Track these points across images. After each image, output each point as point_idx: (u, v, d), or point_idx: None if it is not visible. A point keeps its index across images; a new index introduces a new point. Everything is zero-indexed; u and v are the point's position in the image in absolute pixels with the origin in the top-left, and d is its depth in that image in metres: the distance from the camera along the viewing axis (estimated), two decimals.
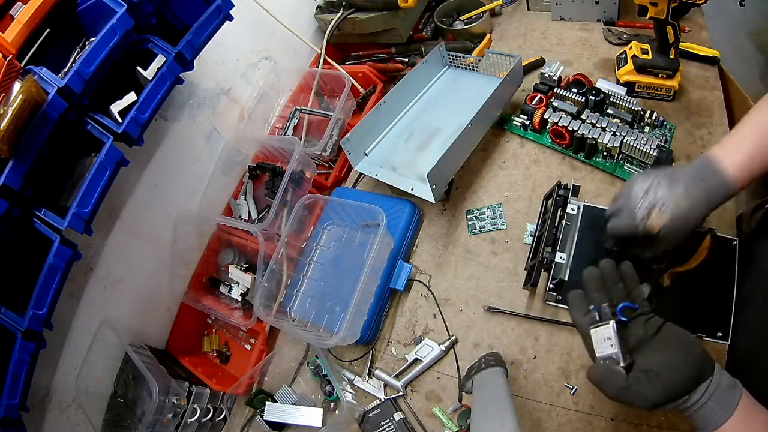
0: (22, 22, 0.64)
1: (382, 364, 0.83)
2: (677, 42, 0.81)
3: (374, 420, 0.76)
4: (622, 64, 0.91)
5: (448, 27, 1.15)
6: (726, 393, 0.45)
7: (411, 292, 0.86)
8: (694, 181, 0.56)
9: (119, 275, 0.87)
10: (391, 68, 1.16)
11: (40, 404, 0.76)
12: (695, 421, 0.46)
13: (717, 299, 0.67)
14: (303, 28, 1.17)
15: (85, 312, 0.81)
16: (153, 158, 0.90)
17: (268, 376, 0.91)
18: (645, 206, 0.57)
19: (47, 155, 0.64)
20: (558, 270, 0.74)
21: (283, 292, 0.89)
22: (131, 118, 0.70)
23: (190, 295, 0.98)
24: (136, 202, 0.88)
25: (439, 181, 0.80)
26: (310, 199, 0.90)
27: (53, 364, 0.78)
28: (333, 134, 1.01)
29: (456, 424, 0.73)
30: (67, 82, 0.63)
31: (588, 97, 0.86)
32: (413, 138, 0.97)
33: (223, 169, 1.05)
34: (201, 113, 0.98)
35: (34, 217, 0.67)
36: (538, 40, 1.08)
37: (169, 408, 0.79)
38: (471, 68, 1.05)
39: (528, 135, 0.93)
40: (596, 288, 0.53)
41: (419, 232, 0.92)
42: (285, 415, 0.82)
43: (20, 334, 0.63)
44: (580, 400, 0.68)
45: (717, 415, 0.44)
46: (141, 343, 0.90)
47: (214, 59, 0.99)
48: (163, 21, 0.78)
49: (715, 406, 0.45)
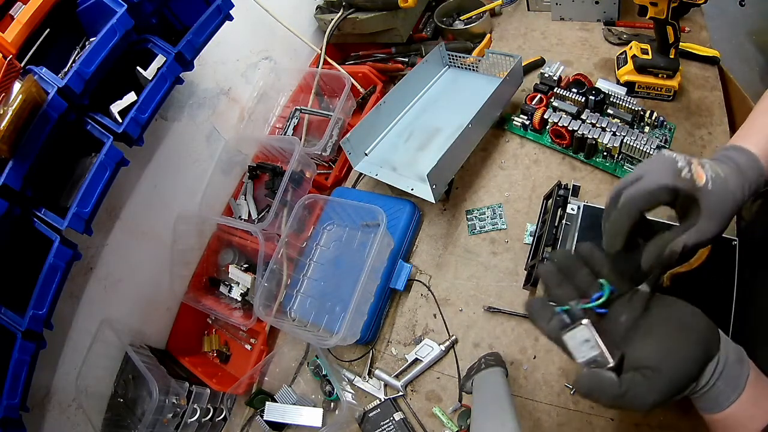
0: (22, 22, 0.64)
1: (382, 364, 0.83)
2: (677, 42, 0.81)
3: (374, 420, 0.76)
4: (622, 64, 0.91)
5: (448, 27, 1.15)
6: (734, 368, 0.39)
7: (411, 292, 0.86)
8: (722, 159, 0.47)
9: (119, 275, 0.87)
10: (391, 68, 1.16)
11: (40, 404, 0.76)
12: (699, 403, 0.41)
13: (717, 299, 0.67)
14: (303, 28, 1.17)
15: (85, 312, 0.81)
16: (153, 158, 0.90)
17: (268, 376, 0.91)
18: (683, 156, 0.42)
19: (47, 155, 0.64)
20: None
21: (283, 292, 0.89)
22: (131, 118, 0.70)
23: (190, 295, 0.98)
24: (136, 202, 0.88)
25: (439, 181, 0.80)
26: (310, 199, 0.90)
27: (53, 364, 0.78)
28: (333, 134, 1.01)
29: (456, 424, 0.73)
30: (67, 82, 0.63)
31: (588, 97, 0.86)
32: (413, 138, 0.97)
33: (223, 169, 1.05)
34: (201, 113, 0.98)
35: (34, 217, 0.67)
36: (538, 40, 1.08)
37: (169, 408, 0.79)
38: (471, 68, 1.05)
39: (528, 135, 0.93)
40: (557, 284, 0.45)
41: (419, 232, 0.92)
42: (285, 415, 0.82)
43: (20, 334, 0.63)
44: (580, 400, 0.68)
45: (725, 396, 0.39)
46: (141, 343, 0.90)
47: (214, 59, 0.99)
48: (163, 21, 0.78)
49: (724, 385, 0.39)
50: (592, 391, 0.39)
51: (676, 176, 0.41)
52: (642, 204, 0.41)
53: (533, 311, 0.45)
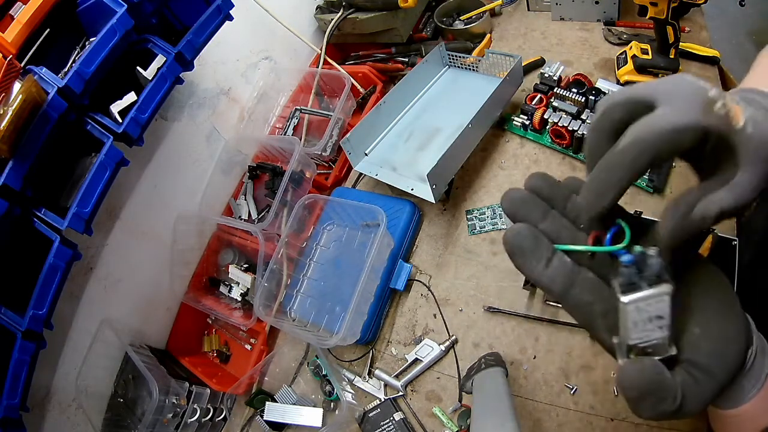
0: (22, 22, 0.64)
1: (382, 364, 0.83)
2: (677, 42, 0.81)
3: (374, 420, 0.76)
4: (622, 64, 0.91)
5: (448, 27, 1.15)
6: (758, 361, 0.32)
7: (411, 292, 0.86)
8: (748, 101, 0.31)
9: (119, 275, 0.87)
10: (391, 68, 1.16)
11: (40, 404, 0.76)
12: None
13: None
14: (303, 28, 1.17)
15: (85, 312, 0.81)
16: (153, 158, 0.90)
17: (268, 376, 0.91)
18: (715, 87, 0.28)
19: (47, 155, 0.64)
20: None
21: (283, 292, 0.89)
22: (131, 118, 0.70)
23: (190, 295, 0.98)
24: (136, 202, 0.88)
25: (439, 181, 0.80)
26: (310, 199, 0.90)
27: (53, 364, 0.78)
28: (333, 134, 1.01)
29: (456, 424, 0.73)
30: (67, 82, 0.63)
31: (588, 97, 0.86)
32: (413, 138, 0.97)
33: (223, 169, 1.05)
34: (201, 113, 0.98)
35: (34, 217, 0.67)
36: (538, 40, 1.08)
37: (169, 408, 0.79)
38: (471, 68, 1.05)
39: (528, 135, 0.93)
40: (541, 215, 0.32)
41: (419, 232, 0.92)
42: (285, 415, 0.82)
43: (20, 334, 0.63)
44: (580, 400, 0.68)
45: (746, 390, 0.32)
46: (141, 343, 0.90)
47: (214, 59, 0.99)
48: (163, 21, 0.78)
49: (745, 381, 0.32)
50: (649, 393, 0.27)
51: (707, 110, 0.27)
52: (658, 148, 0.27)
53: (519, 244, 0.30)
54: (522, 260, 0.31)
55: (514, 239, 0.31)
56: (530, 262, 0.30)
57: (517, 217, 0.32)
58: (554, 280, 0.30)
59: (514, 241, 0.31)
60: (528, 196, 0.33)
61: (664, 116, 0.27)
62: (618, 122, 0.29)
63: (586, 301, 0.30)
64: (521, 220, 0.32)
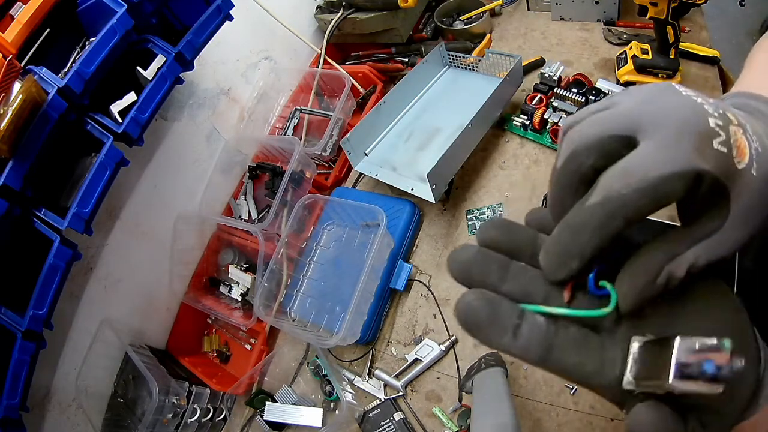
0: (22, 22, 0.64)
1: (382, 364, 0.83)
2: (677, 42, 0.81)
3: (374, 420, 0.76)
4: (622, 64, 0.91)
5: (448, 27, 1.15)
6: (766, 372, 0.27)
7: (411, 292, 0.86)
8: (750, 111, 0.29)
9: (119, 275, 0.87)
10: (391, 68, 1.16)
11: (40, 404, 0.76)
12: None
13: None
14: (303, 28, 1.17)
15: (85, 312, 0.82)
16: (153, 158, 0.90)
17: (268, 376, 0.91)
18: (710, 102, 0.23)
19: (47, 155, 0.64)
20: None
21: (283, 292, 0.89)
22: (131, 118, 0.70)
23: (190, 295, 0.98)
24: (136, 202, 0.88)
25: (439, 181, 0.80)
26: (310, 199, 0.90)
27: (53, 364, 0.78)
28: (333, 134, 1.01)
29: (456, 424, 0.73)
30: (67, 82, 0.63)
31: (588, 97, 0.86)
32: (413, 138, 0.97)
33: (223, 169, 1.05)
34: (201, 113, 0.98)
35: (34, 217, 0.67)
36: (538, 40, 1.08)
37: (169, 408, 0.79)
38: (471, 68, 1.05)
39: (528, 135, 0.93)
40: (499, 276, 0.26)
41: (419, 232, 0.92)
42: (285, 415, 0.82)
43: (20, 334, 0.63)
44: (580, 400, 0.68)
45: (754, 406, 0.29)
46: (141, 343, 0.90)
47: (214, 59, 0.99)
48: (163, 21, 0.78)
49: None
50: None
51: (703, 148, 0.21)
52: (637, 206, 0.21)
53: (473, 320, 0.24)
54: (482, 336, 0.24)
55: (466, 315, 0.24)
56: (493, 337, 0.24)
57: (472, 282, 0.26)
58: (528, 349, 0.24)
59: (466, 318, 0.24)
60: (480, 255, 0.26)
61: (645, 161, 0.21)
62: (588, 168, 0.23)
63: (572, 363, 0.24)
64: (478, 286, 0.25)
